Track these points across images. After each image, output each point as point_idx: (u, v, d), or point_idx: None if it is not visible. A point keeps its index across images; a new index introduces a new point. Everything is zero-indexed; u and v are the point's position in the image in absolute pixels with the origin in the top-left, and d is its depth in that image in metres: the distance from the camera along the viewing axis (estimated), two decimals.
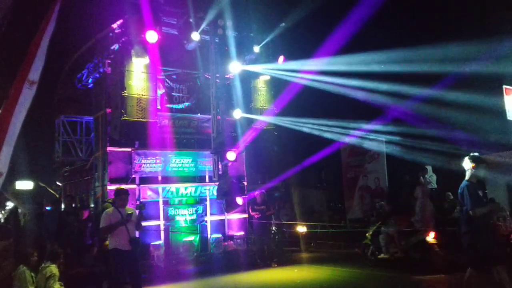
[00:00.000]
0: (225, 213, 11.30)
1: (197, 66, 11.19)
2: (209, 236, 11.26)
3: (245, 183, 11.97)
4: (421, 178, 12.44)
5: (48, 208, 10.66)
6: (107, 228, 6.23)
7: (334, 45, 11.79)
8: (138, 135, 10.12)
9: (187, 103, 11.53)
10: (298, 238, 12.94)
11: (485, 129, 11.23)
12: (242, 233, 11.78)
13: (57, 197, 14.62)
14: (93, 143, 11.93)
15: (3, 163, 4.25)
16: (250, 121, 11.70)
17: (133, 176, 10.43)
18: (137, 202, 9.83)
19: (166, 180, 10.98)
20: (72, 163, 13.17)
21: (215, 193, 10.72)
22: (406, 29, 14.39)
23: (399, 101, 11.89)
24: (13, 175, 15.32)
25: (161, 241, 10.45)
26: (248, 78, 11.84)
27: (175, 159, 11.02)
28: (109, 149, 10.31)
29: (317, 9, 12.12)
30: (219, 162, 10.18)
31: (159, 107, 10.75)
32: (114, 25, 10.12)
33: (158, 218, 10.67)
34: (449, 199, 12.03)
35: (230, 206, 10.10)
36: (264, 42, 11.21)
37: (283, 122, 12.31)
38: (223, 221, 11.72)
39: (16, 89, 4.51)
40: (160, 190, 10.86)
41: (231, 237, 11.60)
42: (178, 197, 11.12)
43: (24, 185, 16.25)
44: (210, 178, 11.15)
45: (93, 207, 11.32)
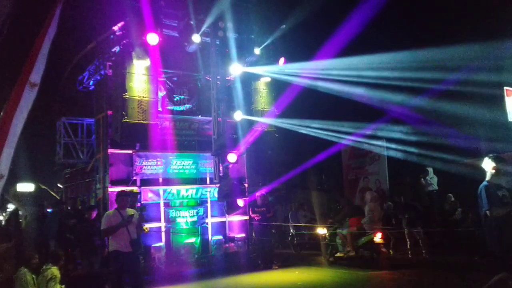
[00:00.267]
0: (226, 215, 11.28)
1: (198, 68, 11.18)
2: (210, 238, 11.25)
3: (246, 185, 11.96)
4: (421, 180, 12.48)
5: (49, 210, 10.66)
6: (108, 230, 6.24)
7: (334, 47, 11.81)
8: (139, 137, 10.12)
9: (188, 105, 11.53)
10: (318, 241, 11.67)
11: (486, 130, 11.22)
12: (243, 235, 11.77)
13: (58, 199, 14.65)
14: (94, 145, 11.94)
15: (4, 165, 4.25)
16: (251, 123, 11.70)
17: (134, 178, 10.43)
18: (138, 204, 9.82)
19: (167, 182, 10.97)
20: (73, 165, 13.18)
21: (216, 195, 10.71)
22: (407, 31, 14.40)
23: (399, 103, 11.89)
24: (14, 177, 15.38)
25: (162, 243, 10.45)
26: (249, 80, 11.84)
27: (176, 161, 11.02)
28: (110, 151, 10.31)
29: (318, 11, 12.16)
30: (220, 164, 10.17)
31: (160, 109, 10.76)
32: (115, 27, 10.12)
33: (159, 220, 10.66)
34: (450, 200, 12.00)
35: (231, 208, 10.09)
36: (265, 44, 11.21)
37: (284, 124, 12.30)
38: (224, 223, 11.71)
39: (18, 91, 4.52)
40: (161, 192, 10.85)
41: (232, 239, 11.58)
42: (179, 199, 11.11)
43: (25, 187, 16.30)
44: (211, 180, 11.15)
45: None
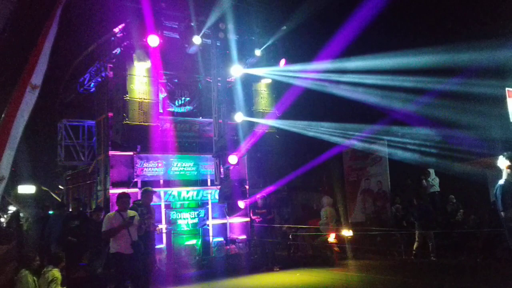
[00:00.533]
0: (227, 217, 11.29)
1: (198, 69, 11.21)
2: (211, 239, 11.24)
3: (247, 186, 11.97)
4: (423, 181, 12.45)
5: (50, 212, 10.65)
6: (110, 232, 6.23)
7: (335, 48, 11.81)
8: (140, 139, 10.12)
9: (188, 107, 11.54)
10: (343, 243, 10.90)
11: (488, 131, 11.18)
12: (244, 236, 11.76)
13: (59, 201, 14.65)
14: (95, 147, 11.95)
15: (5, 167, 4.24)
16: (251, 125, 11.71)
17: (135, 180, 10.44)
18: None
19: (168, 183, 10.99)
20: (74, 167, 13.19)
21: (216, 196, 10.72)
22: (408, 31, 14.38)
23: (401, 104, 11.87)
24: (16, 179, 15.40)
25: (163, 245, 10.45)
26: (249, 82, 11.87)
27: (176, 162, 11.03)
28: (111, 153, 10.32)
29: (319, 12, 12.16)
30: (221, 166, 10.18)
31: (161, 110, 10.78)
32: (116, 29, 10.14)
33: (160, 221, 10.65)
34: (452, 202, 11.97)
35: (232, 210, 10.09)
36: (266, 46, 11.24)
37: (285, 125, 12.31)
38: (225, 224, 11.72)
39: (19, 93, 4.51)
40: (162, 194, 10.86)
41: (233, 241, 11.58)
42: (180, 201, 11.13)
43: (27, 189, 16.33)
44: (212, 181, 11.16)
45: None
